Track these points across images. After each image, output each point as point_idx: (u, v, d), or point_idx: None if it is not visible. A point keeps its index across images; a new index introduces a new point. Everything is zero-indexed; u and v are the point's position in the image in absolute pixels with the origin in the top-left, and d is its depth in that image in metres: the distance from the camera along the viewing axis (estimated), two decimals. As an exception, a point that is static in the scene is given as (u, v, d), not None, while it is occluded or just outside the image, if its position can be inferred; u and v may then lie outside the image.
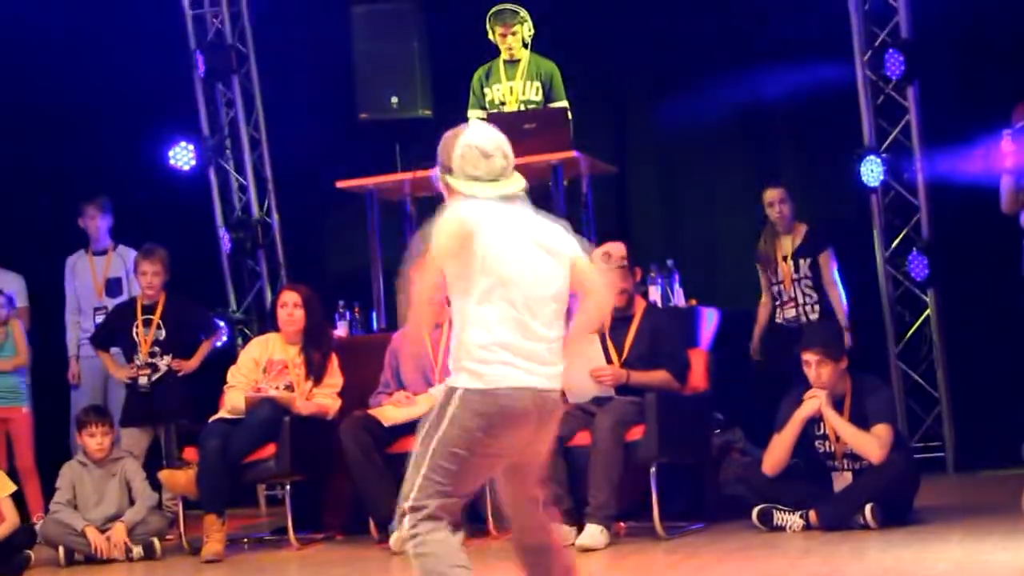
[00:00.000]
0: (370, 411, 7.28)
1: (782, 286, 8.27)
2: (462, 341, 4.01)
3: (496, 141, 4.14)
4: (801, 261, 8.23)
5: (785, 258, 8.26)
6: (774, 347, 8.18)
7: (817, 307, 8.19)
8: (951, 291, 9.04)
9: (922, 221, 9.09)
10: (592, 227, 8.33)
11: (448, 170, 4.12)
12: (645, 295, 7.58)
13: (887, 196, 9.19)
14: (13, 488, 7.43)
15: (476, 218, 4.00)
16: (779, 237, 8.33)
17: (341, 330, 8.29)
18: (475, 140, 4.12)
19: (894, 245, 9.16)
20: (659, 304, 7.62)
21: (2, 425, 8.53)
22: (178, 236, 9.04)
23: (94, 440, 7.51)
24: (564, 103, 8.37)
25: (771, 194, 8.30)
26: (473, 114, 8.52)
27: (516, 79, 8.45)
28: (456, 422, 3.97)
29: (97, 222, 9.03)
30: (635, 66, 9.75)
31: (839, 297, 8.20)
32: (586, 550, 6.46)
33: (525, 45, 8.49)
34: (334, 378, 7.63)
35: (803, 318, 8.16)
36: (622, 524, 6.97)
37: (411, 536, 3.99)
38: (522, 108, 8.38)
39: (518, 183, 4.17)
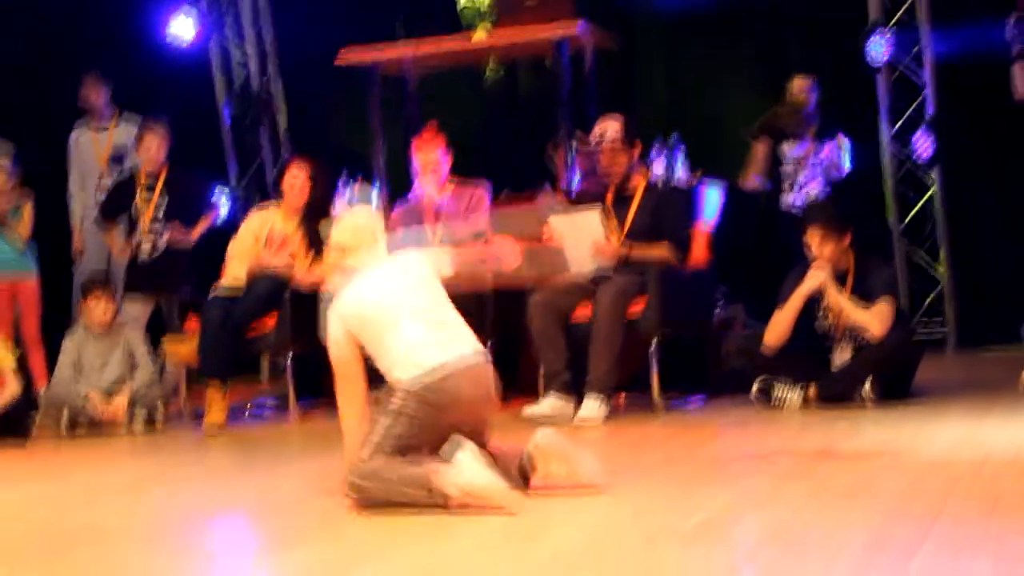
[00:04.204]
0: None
1: (800, 167, 8.25)
2: None
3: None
4: (821, 144, 8.25)
5: (806, 138, 8.25)
6: (783, 232, 8.17)
7: (825, 189, 8.21)
8: (955, 170, 9.01)
9: (927, 99, 9.03)
10: (595, 102, 8.26)
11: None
12: (647, 170, 7.54)
13: (893, 74, 9.11)
14: (15, 357, 7.47)
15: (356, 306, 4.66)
16: (802, 124, 8.30)
17: (343, 204, 8.26)
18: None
19: (899, 124, 9.10)
20: (663, 179, 7.57)
21: (10, 293, 8.54)
22: (179, 110, 8.98)
23: (97, 309, 7.54)
24: None
25: (800, 82, 8.28)
26: None
27: None
28: None
29: (94, 95, 8.99)
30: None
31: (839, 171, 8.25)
32: (585, 422, 6.51)
33: None
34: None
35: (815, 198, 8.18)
36: (622, 397, 7.01)
37: None
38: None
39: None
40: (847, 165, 8.27)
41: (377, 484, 4.40)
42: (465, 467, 4.31)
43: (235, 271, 7.48)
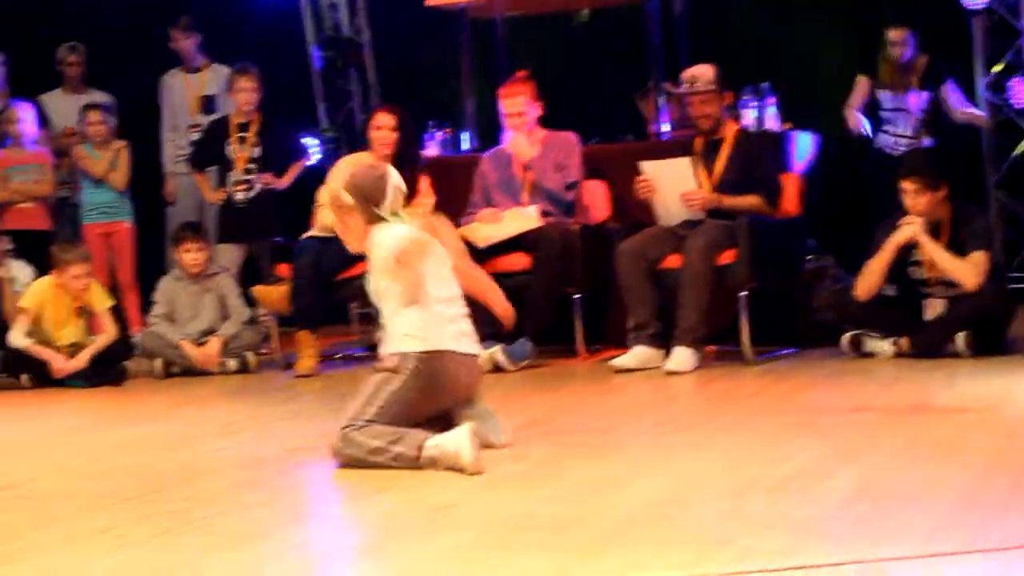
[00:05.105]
0: (459, 231, 7.29)
1: (902, 115, 8.13)
2: None
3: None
4: (923, 94, 8.14)
5: (908, 87, 8.12)
6: (878, 171, 8.07)
7: (924, 140, 8.11)
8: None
9: (1024, 46, 8.85)
10: (686, 49, 8.19)
11: (377, 203, 4.63)
12: (738, 119, 7.47)
13: (990, 19, 8.93)
14: (112, 302, 7.59)
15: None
16: (899, 75, 8.19)
17: (432, 150, 8.29)
18: (398, 182, 4.69)
19: (995, 71, 8.93)
20: (752, 128, 7.50)
21: (105, 239, 8.66)
22: (269, 54, 9.03)
23: (189, 256, 7.62)
24: None
25: (894, 34, 8.15)
26: None
27: None
28: None
29: (183, 43, 9.07)
30: None
31: (975, 113, 8.13)
32: (673, 373, 6.50)
33: None
34: (425, 198, 7.64)
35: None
36: (711, 347, 6.98)
37: None
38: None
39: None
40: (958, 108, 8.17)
41: (370, 440, 4.42)
42: (455, 439, 4.34)
43: (325, 218, 7.50)
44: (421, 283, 4.56)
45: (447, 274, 4.70)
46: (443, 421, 4.59)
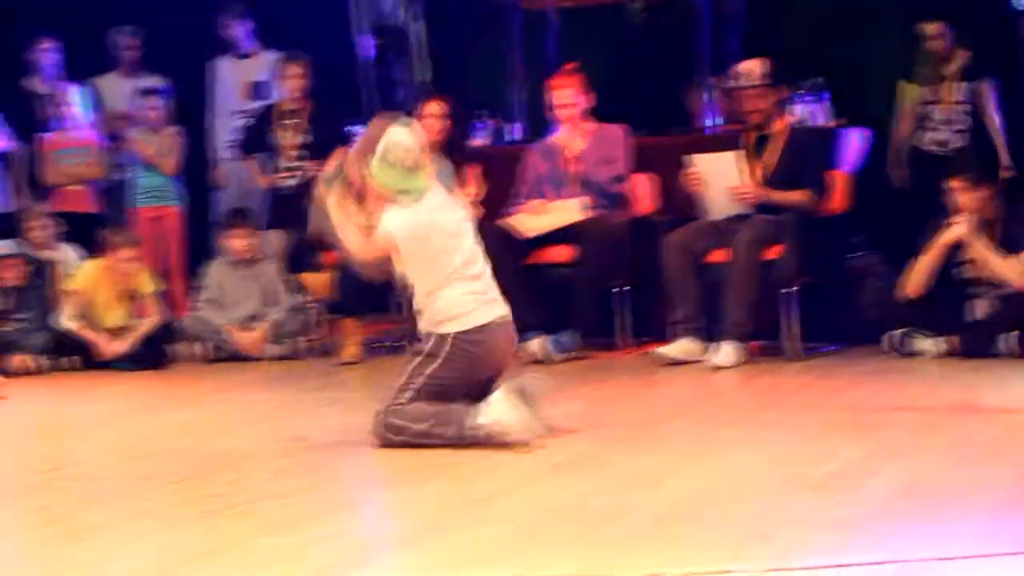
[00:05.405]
0: (505, 221, 7.30)
1: (938, 107, 8.04)
2: None
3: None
4: (962, 85, 8.02)
5: (943, 78, 8.01)
6: (919, 173, 8.00)
7: (966, 135, 7.99)
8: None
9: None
10: (739, 44, 8.15)
11: (370, 153, 4.79)
12: (790, 114, 7.43)
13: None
14: (159, 286, 7.64)
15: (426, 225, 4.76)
16: (939, 62, 8.10)
17: (479, 140, 8.28)
18: (400, 140, 4.77)
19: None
20: (805, 123, 7.46)
21: (155, 223, 8.70)
22: (319, 41, 9.04)
23: (237, 242, 7.67)
24: None
25: (929, 28, 8.06)
26: None
27: None
28: None
29: (234, 29, 9.09)
30: None
31: (997, 127, 7.97)
32: (719, 368, 6.48)
33: None
34: (472, 188, 7.64)
35: (954, 143, 7.96)
36: (756, 343, 6.96)
37: None
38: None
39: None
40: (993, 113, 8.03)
41: (412, 424, 4.54)
42: (497, 406, 4.46)
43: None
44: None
45: (459, 243, 4.75)
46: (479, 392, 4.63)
